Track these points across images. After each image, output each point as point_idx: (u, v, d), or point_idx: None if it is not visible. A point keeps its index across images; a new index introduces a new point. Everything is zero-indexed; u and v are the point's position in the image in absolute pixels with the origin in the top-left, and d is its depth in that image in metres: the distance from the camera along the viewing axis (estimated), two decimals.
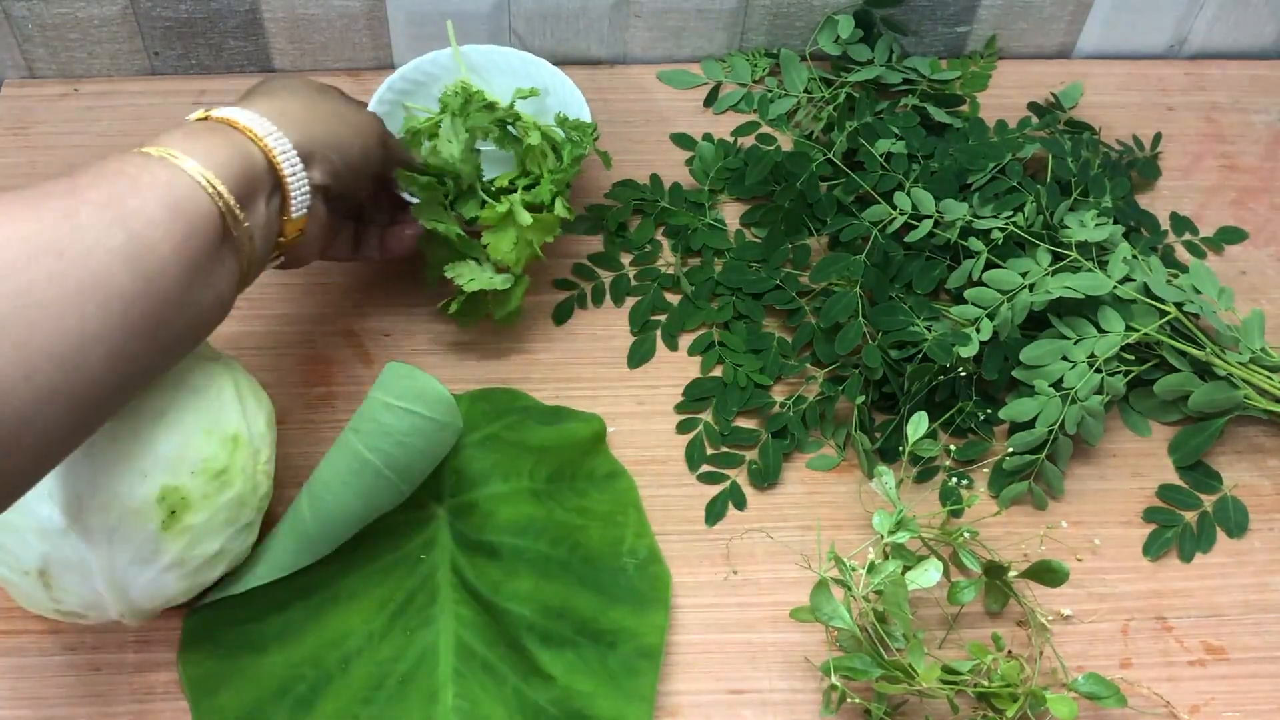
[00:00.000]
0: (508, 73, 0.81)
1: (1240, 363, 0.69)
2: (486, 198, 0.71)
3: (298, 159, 0.57)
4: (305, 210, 0.58)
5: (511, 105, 0.73)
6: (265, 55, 0.88)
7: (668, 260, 0.79)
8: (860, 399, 0.69)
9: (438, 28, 0.88)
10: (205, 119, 0.56)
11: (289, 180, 0.57)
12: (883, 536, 0.61)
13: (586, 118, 0.77)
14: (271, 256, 0.59)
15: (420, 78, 0.80)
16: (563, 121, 0.74)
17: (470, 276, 0.69)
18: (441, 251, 0.71)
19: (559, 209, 0.70)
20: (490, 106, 0.72)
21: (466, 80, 0.74)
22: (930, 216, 0.74)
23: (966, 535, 0.63)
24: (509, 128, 0.73)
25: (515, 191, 0.71)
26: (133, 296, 0.47)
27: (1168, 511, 0.69)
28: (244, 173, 0.54)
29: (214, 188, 0.51)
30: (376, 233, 0.71)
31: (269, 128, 0.56)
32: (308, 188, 0.58)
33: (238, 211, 0.53)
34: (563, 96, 0.80)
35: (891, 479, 0.64)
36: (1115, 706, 0.57)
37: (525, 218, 0.68)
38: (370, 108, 0.74)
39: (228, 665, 0.60)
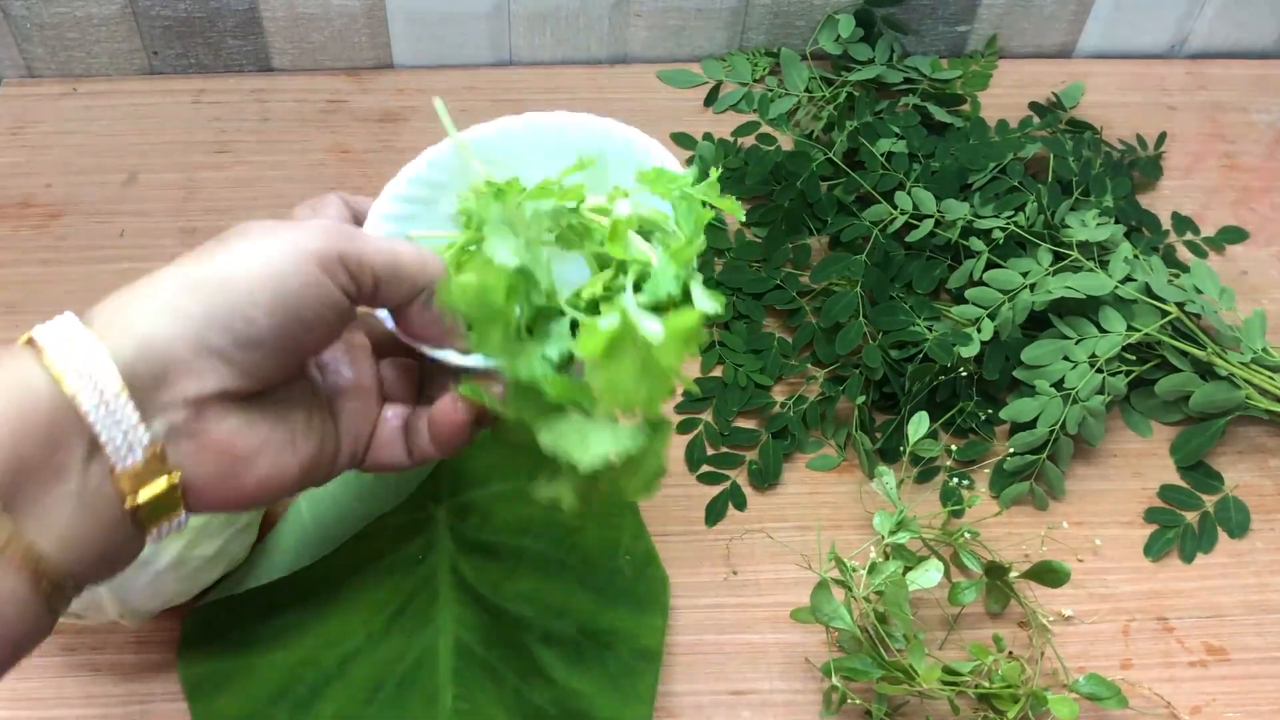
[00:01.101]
0: (539, 148, 0.50)
1: (1242, 363, 0.69)
2: (576, 313, 0.44)
3: (116, 382, 0.36)
4: (135, 460, 0.37)
5: (565, 185, 0.47)
6: (264, 54, 0.88)
7: None
8: (861, 399, 0.69)
9: (437, 28, 0.88)
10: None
11: (90, 417, 0.35)
12: (883, 537, 0.61)
13: (673, 167, 0.48)
14: (151, 527, 0.38)
15: (422, 193, 0.49)
16: (649, 178, 0.47)
17: (584, 443, 0.41)
18: (528, 407, 0.42)
19: (702, 302, 0.43)
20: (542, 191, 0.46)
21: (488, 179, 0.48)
22: (931, 216, 0.74)
23: (967, 536, 0.63)
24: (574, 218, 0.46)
25: (620, 295, 0.43)
26: None
27: (1169, 512, 0.69)
28: (20, 432, 0.34)
29: None
30: (410, 421, 0.46)
31: (76, 338, 0.36)
32: (132, 418, 0.36)
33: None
34: (629, 157, 0.50)
35: (892, 479, 0.63)
36: (1116, 707, 0.57)
37: (652, 329, 0.40)
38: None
39: (227, 666, 0.60)
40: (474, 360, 0.44)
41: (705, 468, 0.70)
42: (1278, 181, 0.87)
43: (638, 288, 0.43)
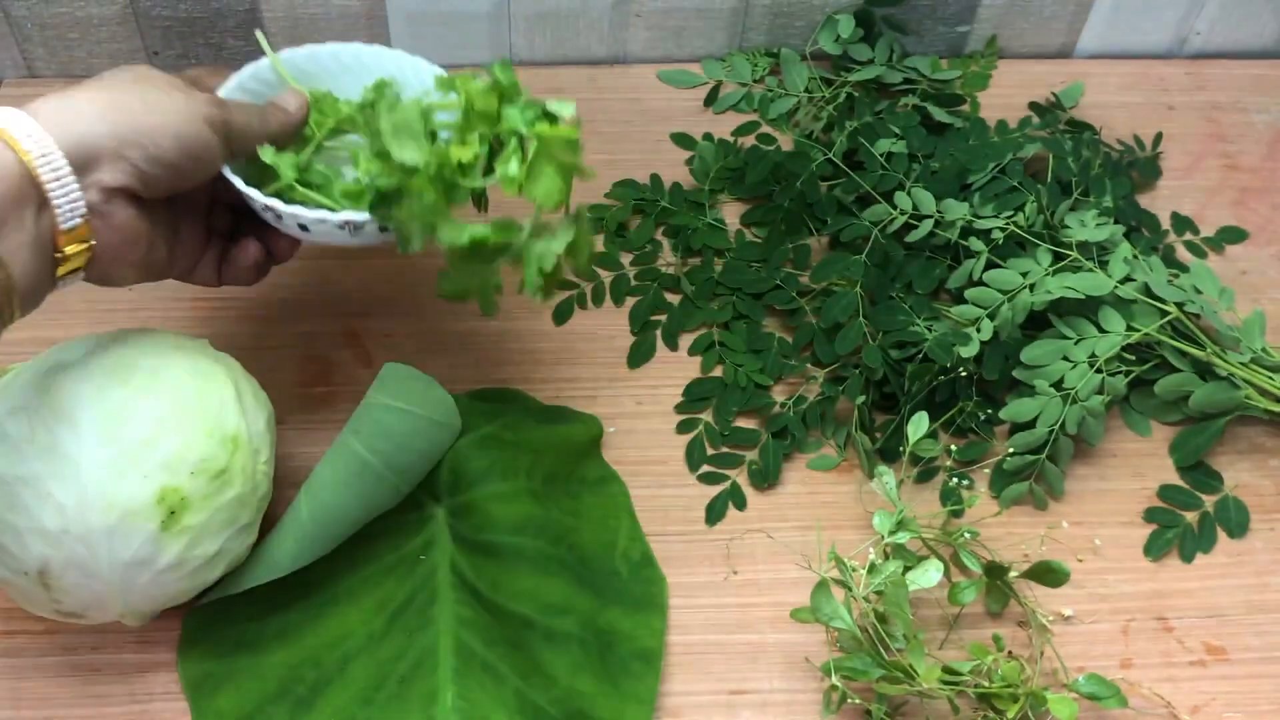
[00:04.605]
0: (341, 72, 0.67)
1: (1241, 363, 0.69)
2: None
3: (63, 161, 0.50)
4: (78, 221, 0.51)
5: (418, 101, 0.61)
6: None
7: (668, 260, 0.79)
8: (861, 399, 0.69)
9: (437, 28, 0.88)
10: None
11: (48, 186, 0.49)
12: (883, 537, 0.61)
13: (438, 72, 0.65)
14: (61, 275, 0.52)
15: (253, 88, 0.64)
16: (442, 84, 0.62)
17: (544, 247, 0.58)
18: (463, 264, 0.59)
19: (559, 108, 0.60)
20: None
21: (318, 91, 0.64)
22: (931, 216, 0.74)
23: (967, 535, 0.63)
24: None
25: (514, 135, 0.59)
26: None
27: (1169, 512, 0.69)
28: (1, 191, 0.47)
29: None
30: (251, 250, 0.62)
31: (29, 126, 0.49)
32: (78, 194, 0.50)
33: None
34: (415, 79, 0.66)
35: (892, 479, 0.64)
36: (1116, 707, 0.57)
37: (566, 131, 0.58)
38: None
39: (227, 665, 0.60)
40: (275, 203, 0.59)
41: (705, 468, 0.70)
42: (1277, 181, 0.87)
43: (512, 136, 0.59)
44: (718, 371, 0.73)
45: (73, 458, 0.53)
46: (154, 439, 0.55)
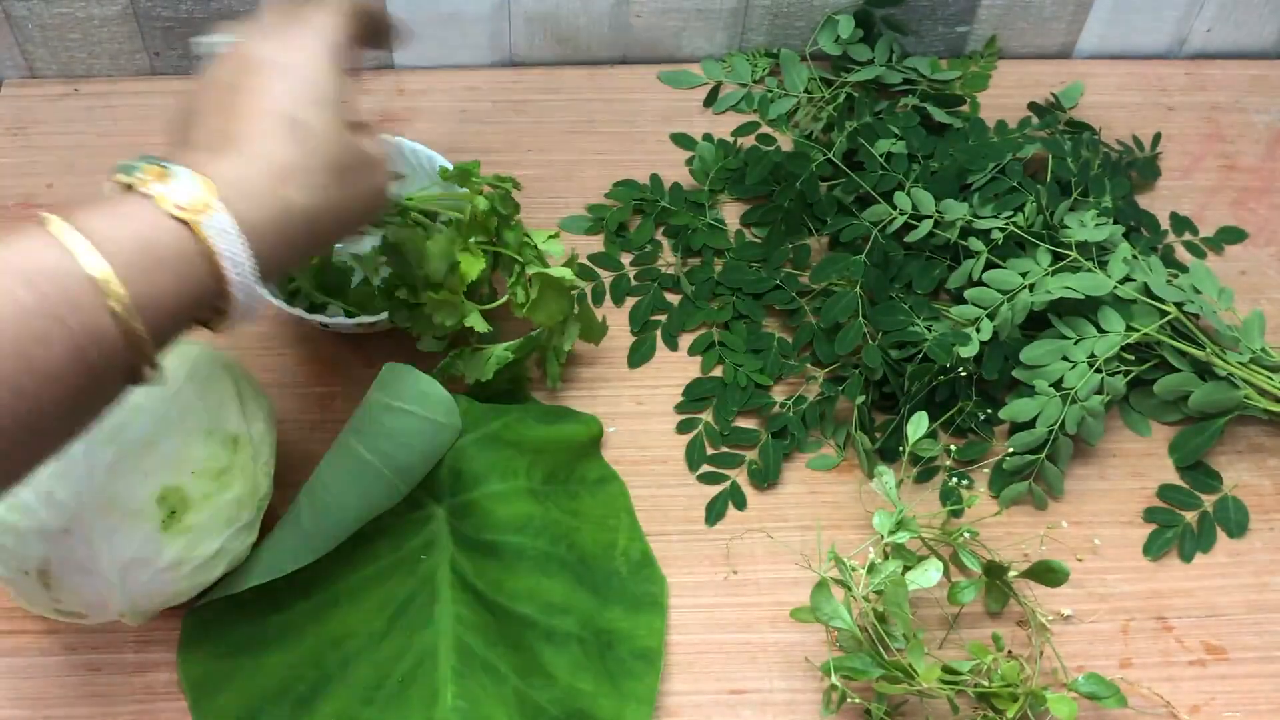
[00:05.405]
0: None
1: (1240, 363, 0.69)
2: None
3: (258, 288, 0.47)
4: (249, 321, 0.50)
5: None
6: None
7: (668, 260, 0.79)
8: (860, 399, 0.69)
9: (438, 28, 0.88)
10: (162, 171, 0.48)
11: (234, 313, 0.47)
12: (883, 536, 0.61)
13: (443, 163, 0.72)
14: None
15: None
16: (446, 175, 0.68)
17: (559, 345, 0.70)
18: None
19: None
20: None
21: None
22: (930, 216, 0.74)
23: (966, 535, 0.63)
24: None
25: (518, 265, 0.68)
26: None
27: (1168, 511, 0.69)
28: (181, 310, 0.45)
29: (135, 331, 0.43)
30: None
31: (241, 257, 0.46)
32: (255, 313, 0.49)
33: (155, 359, 0.44)
34: (419, 168, 0.75)
35: (892, 479, 0.64)
36: (1115, 706, 0.58)
37: (562, 272, 0.67)
38: None
39: (227, 665, 0.60)
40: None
41: (705, 468, 0.70)
42: (1276, 182, 0.87)
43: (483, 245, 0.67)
44: (718, 371, 0.73)
45: (73, 457, 0.53)
46: (154, 438, 0.55)
